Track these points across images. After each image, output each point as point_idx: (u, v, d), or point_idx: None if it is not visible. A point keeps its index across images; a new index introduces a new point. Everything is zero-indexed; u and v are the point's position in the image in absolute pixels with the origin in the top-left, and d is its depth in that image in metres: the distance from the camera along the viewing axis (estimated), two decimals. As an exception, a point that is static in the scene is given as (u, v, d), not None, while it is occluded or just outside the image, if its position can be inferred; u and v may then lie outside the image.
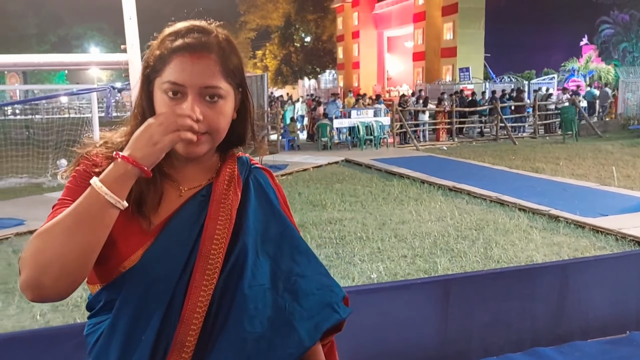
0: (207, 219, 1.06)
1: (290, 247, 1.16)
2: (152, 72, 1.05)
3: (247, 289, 1.05)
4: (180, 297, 1.02)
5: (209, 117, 1.03)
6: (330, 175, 10.76)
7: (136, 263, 1.02)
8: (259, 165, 1.24)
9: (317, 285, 1.15)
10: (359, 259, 5.45)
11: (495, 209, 7.50)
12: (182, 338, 1.00)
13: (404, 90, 28.43)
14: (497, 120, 17.04)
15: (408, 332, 2.68)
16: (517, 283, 2.94)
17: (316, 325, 1.10)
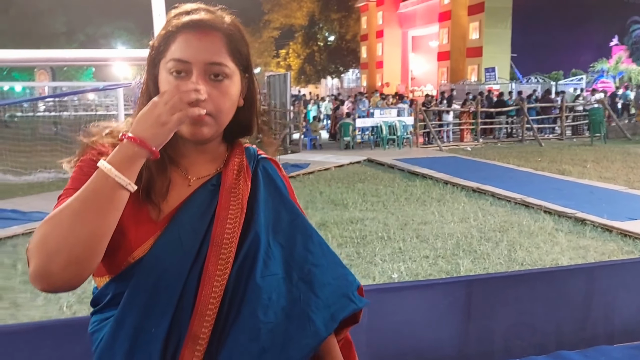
0: (218, 207, 1.05)
1: (303, 236, 1.13)
2: (157, 53, 1.03)
3: (259, 278, 1.02)
4: (192, 288, 0.99)
5: (214, 97, 1.01)
6: (352, 174, 10.75)
7: (146, 253, 1.00)
8: (266, 156, 1.22)
9: (332, 274, 1.12)
10: (380, 258, 5.43)
11: (519, 211, 7.40)
12: (196, 330, 0.97)
13: (427, 90, 28.23)
14: (523, 122, 16.80)
15: (429, 332, 2.67)
16: (542, 285, 2.89)
17: (332, 315, 1.08)
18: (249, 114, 1.13)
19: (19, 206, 7.62)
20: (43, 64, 26.32)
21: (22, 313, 4.17)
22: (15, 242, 6.01)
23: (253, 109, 1.14)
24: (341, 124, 15.63)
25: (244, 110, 1.11)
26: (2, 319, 4.08)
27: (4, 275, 4.96)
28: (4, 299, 4.44)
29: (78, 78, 37.03)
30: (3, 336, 1.98)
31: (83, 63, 6.00)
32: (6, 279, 4.87)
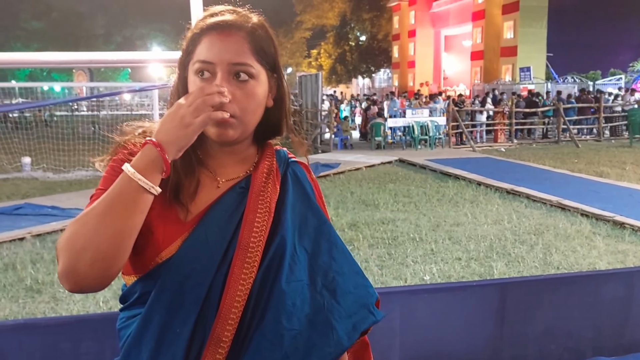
0: (246, 210, 1.04)
1: (328, 242, 1.12)
2: (186, 55, 1.05)
3: (285, 284, 1.01)
4: (217, 291, 0.99)
5: (238, 98, 1.00)
6: (383, 175, 10.71)
7: (174, 254, 1.00)
8: (296, 159, 1.21)
9: (353, 283, 1.11)
10: (411, 260, 5.40)
11: (555, 213, 7.26)
12: (219, 333, 0.97)
13: (460, 90, 27.90)
14: (559, 122, 16.46)
15: (462, 335, 2.64)
16: (579, 290, 2.83)
17: (354, 325, 1.07)
18: (278, 115, 1.13)
19: (58, 203, 7.85)
20: (82, 66, 27.01)
21: (61, 307, 4.30)
22: (55, 237, 6.19)
23: (283, 110, 1.13)
24: (372, 123, 15.58)
25: (273, 111, 1.11)
26: (43, 313, 4.22)
27: (45, 270, 5.11)
28: (44, 293, 4.58)
29: (115, 79, 37.87)
30: (49, 328, 2.05)
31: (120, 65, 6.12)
32: (46, 273, 5.02)
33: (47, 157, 11.90)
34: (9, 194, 9.01)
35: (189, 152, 0.99)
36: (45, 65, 3.54)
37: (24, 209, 7.42)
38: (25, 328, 2.06)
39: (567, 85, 23.16)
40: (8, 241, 5.97)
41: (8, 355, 2.03)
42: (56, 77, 36.94)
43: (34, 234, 6.21)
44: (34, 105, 15.40)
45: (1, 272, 5.07)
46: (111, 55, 2.09)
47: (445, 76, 34.91)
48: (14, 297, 4.52)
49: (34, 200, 8.25)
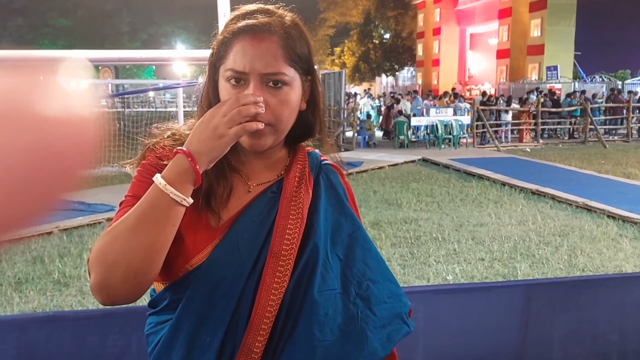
0: (277, 216, 1.01)
1: (362, 249, 1.08)
2: (217, 59, 1.00)
3: (317, 293, 0.98)
4: (248, 299, 0.97)
5: (272, 106, 0.97)
6: (406, 174, 10.66)
7: (204, 261, 0.98)
8: (329, 162, 1.16)
9: (387, 293, 1.07)
10: (434, 259, 5.37)
11: (581, 215, 7.14)
12: (250, 343, 0.95)
13: (485, 88, 27.60)
14: (587, 122, 16.18)
15: (486, 336, 2.62)
16: (605, 292, 2.79)
17: (389, 335, 1.03)
18: (312, 118, 1.09)
19: (84, 198, 7.99)
20: (109, 64, 27.44)
21: (88, 300, 4.38)
22: (81, 232, 6.31)
23: (316, 112, 1.09)
24: (396, 122, 15.51)
25: (306, 114, 1.07)
26: (70, 305, 4.30)
27: (72, 263, 5.22)
28: (71, 287, 4.68)
29: (140, 76, 38.36)
30: (77, 321, 2.10)
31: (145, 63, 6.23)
32: (73, 267, 5.12)
33: (74, 153, 12.11)
34: (37, 188, 9.19)
35: (220, 159, 0.97)
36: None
37: (52, 203, 7.57)
38: (54, 320, 2.11)
39: (595, 85, 22.74)
40: (36, 235, 6.11)
41: (37, 346, 2.08)
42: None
43: (61, 228, 6.34)
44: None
45: (30, 265, 5.19)
46: (139, 53, 2.11)
47: (470, 75, 34.56)
48: (42, 289, 4.62)
49: (61, 195, 8.40)
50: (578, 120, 17.04)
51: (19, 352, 2.08)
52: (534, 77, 26.08)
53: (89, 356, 2.13)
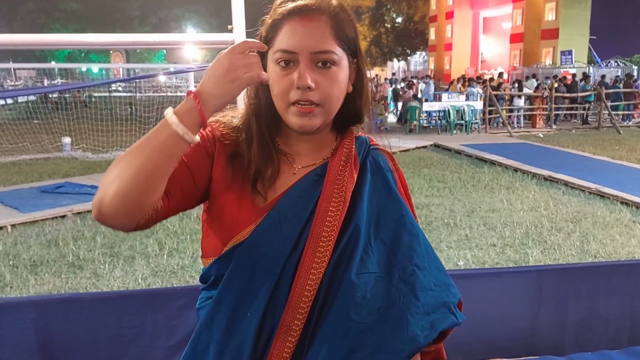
0: (320, 198, 1.02)
1: (409, 235, 1.06)
2: (265, 43, 1.01)
3: (354, 275, 0.98)
4: (288, 278, 0.98)
5: (322, 85, 0.98)
6: (417, 159, 10.62)
7: (246, 238, 1.01)
8: (379, 147, 1.16)
9: (434, 280, 1.05)
10: (445, 245, 5.37)
11: (594, 201, 7.08)
12: (289, 321, 0.97)
13: (498, 73, 27.31)
14: (601, 107, 15.97)
15: (497, 321, 2.63)
16: (618, 279, 2.78)
17: (432, 323, 1.00)
18: (359, 101, 1.09)
19: (97, 182, 8.05)
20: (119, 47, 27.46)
21: (102, 283, 4.44)
22: (95, 216, 6.37)
23: (363, 96, 1.09)
24: (408, 107, 15.42)
25: (353, 97, 1.08)
26: (84, 288, 4.36)
27: (86, 246, 5.28)
28: (86, 269, 4.74)
29: (150, 60, 38.40)
30: (93, 302, 2.13)
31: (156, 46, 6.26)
32: (87, 250, 5.18)
33: (86, 138, 12.20)
34: (50, 173, 9.29)
35: (267, 142, 1.01)
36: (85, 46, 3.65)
37: (65, 187, 7.65)
38: (70, 302, 2.15)
39: (610, 70, 22.40)
40: (50, 218, 6.18)
41: (55, 327, 2.12)
42: (94, 58, 37.66)
43: (74, 212, 6.41)
44: (74, 86, 15.75)
45: (44, 248, 5.26)
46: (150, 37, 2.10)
47: (483, 59, 34.17)
48: (57, 272, 4.69)
49: (74, 179, 8.49)
50: (592, 105, 16.83)
51: (36, 332, 2.12)
52: (548, 62, 25.74)
53: (104, 337, 2.17)
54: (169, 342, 2.15)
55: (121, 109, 18.25)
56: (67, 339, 2.15)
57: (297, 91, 0.98)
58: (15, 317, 2.10)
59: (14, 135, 12.40)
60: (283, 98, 1.00)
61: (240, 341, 0.98)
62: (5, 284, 4.44)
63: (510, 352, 2.55)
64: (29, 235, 5.66)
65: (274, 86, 1.01)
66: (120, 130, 12.12)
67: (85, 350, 2.16)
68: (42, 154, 11.29)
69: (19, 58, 31.27)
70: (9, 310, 2.12)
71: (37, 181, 8.42)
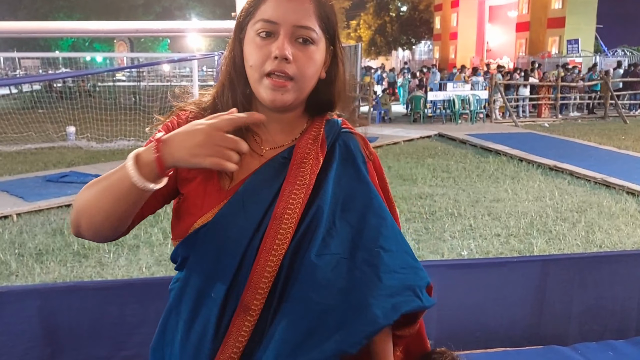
0: (284, 182, 1.03)
1: (377, 217, 1.06)
2: (246, 15, 1.03)
3: (315, 256, 0.99)
4: (250, 259, 0.99)
5: (299, 59, 0.99)
6: (422, 149, 10.58)
7: (209, 220, 1.01)
8: (351, 130, 1.15)
9: (401, 263, 1.05)
10: (449, 235, 5.36)
11: (600, 191, 7.05)
12: (248, 301, 0.98)
13: (504, 62, 27.12)
14: (607, 97, 15.86)
15: (501, 311, 2.63)
16: (623, 269, 2.76)
17: (394, 305, 0.99)
18: (331, 89, 1.10)
19: (101, 171, 7.98)
20: (122, 35, 27.43)
21: (106, 271, 4.46)
22: (100, 205, 6.39)
23: (335, 84, 1.10)
24: (412, 96, 15.35)
25: (325, 84, 1.08)
26: (89, 276, 4.38)
27: (90, 235, 5.30)
28: (91, 258, 4.76)
29: (154, 49, 38.31)
30: (97, 291, 2.13)
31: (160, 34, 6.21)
32: (92, 239, 5.20)
33: (90, 127, 12.21)
34: (55, 162, 9.31)
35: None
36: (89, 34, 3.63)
37: (70, 176, 7.67)
38: (75, 290, 2.16)
39: (617, 59, 22.20)
40: (55, 207, 6.20)
41: (59, 314, 2.13)
42: (98, 47, 37.57)
43: (79, 201, 6.42)
44: (77, 74, 15.74)
45: (50, 236, 5.28)
46: (154, 24, 2.10)
47: (489, 48, 33.93)
48: (62, 261, 4.71)
49: (79, 168, 8.51)
50: (597, 94, 16.71)
51: (41, 320, 2.13)
52: (554, 51, 25.53)
53: (108, 325, 2.18)
54: (172, 331, 2.16)
55: (125, 99, 18.23)
56: (71, 326, 2.16)
57: (274, 62, 0.98)
58: (20, 305, 2.11)
59: (19, 125, 12.42)
60: (258, 69, 1.00)
61: (205, 320, 1.00)
62: (11, 272, 4.47)
63: (513, 342, 2.55)
64: (34, 224, 5.68)
65: (250, 56, 1.01)
66: (124, 120, 12.12)
67: (90, 338, 2.17)
68: (47, 143, 11.31)
69: (24, 47, 31.22)
70: (14, 298, 2.13)
71: (42, 170, 8.43)
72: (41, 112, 14.24)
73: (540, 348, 2.55)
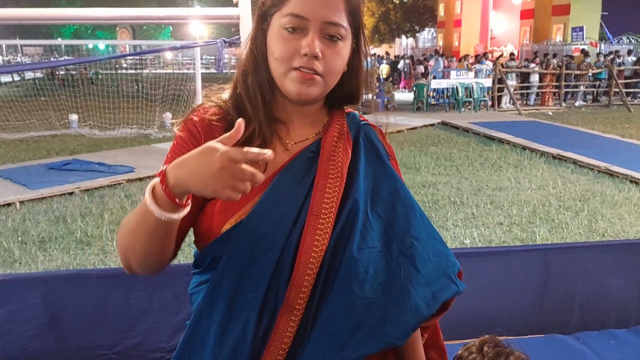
0: (317, 176, 1.01)
1: (405, 207, 1.06)
2: (271, 7, 0.99)
3: (356, 251, 0.97)
4: (288, 257, 0.97)
5: (327, 56, 0.97)
6: (425, 137, 10.56)
7: (243, 218, 0.98)
8: (369, 122, 1.16)
9: (433, 250, 1.05)
10: (452, 223, 5.36)
11: (603, 180, 7.03)
12: (292, 301, 0.96)
13: (508, 50, 26.94)
14: (611, 85, 15.77)
15: (504, 300, 2.63)
16: (626, 258, 2.76)
17: (434, 294, 1.01)
18: (354, 82, 1.09)
19: (104, 159, 8.08)
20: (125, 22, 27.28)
21: (110, 259, 4.47)
22: (102, 192, 6.40)
23: (358, 77, 1.08)
24: (416, 84, 15.28)
25: (348, 77, 1.07)
26: (92, 264, 4.40)
27: (93, 223, 5.31)
28: (94, 246, 4.77)
29: (157, 37, 38.20)
30: (100, 279, 2.14)
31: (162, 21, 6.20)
32: (95, 227, 5.21)
33: (93, 115, 12.20)
34: (58, 149, 9.32)
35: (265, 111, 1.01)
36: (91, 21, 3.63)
37: (73, 164, 7.68)
38: (78, 278, 2.16)
39: (622, 46, 22.03)
40: (58, 195, 6.21)
41: (63, 302, 2.14)
42: (100, 35, 37.48)
43: (82, 189, 6.43)
44: (80, 61, 15.68)
45: (53, 224, 5.30)
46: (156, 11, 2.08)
47: (493, 36, 33.69)
48: (65, 248, 4.72)
49: (82, 156, 8.51)
50: (602, 82, 16.61)
51: (45, 308, 2.14)
52: (559, 39, 25.34)
53: (112, 312, 2.19)
54: (176, 318, 2.17)
55: (128, 86, 18.20)
56: (75, 314, 2.17)
57: (302, 58, 0.96)
58: (24, 293, 2.12)
59: (22, 112, 12.42)
60: (285, 62, 0.98)
61: (243, 323, 0.97)
62: (15, 260, 4.49)
63: (516, 330, 2.55)
64: (37, 211, 5.70)
65: (276, 49, 0.98)
66: (126, 108, 12.09)
67: (94, 326, 2.18)
68: (50, 131, 11.31)
69: (26, 35, 31.12)
70: (18, 286, 2.14)
71: (45, 158, 8.45)
72: (44, 100, 14.23)
73: (542, 337, 2.56)
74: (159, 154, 8.23)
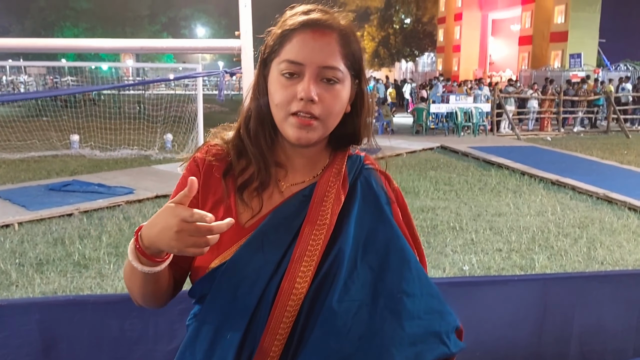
0: (304, 221, 1.00)
1: (399, 260, 1.02)
2: (271, 52, 1.01)
3: (336, 303, 0.94)
4: (268, 301, 0.96)
5: (325, 99, 0.98)
6: (424, 161, 10.59)
7: (227, 260, 0.99)
8: (373, 167, 1.13)
9: (425, 308, 1.00)
10: (451, 249, 5.35)
11: (601, 206, 7.04)
12: (267, 346, 0.95)
13: (506, 75, 27.18)
14: (609, 111, 15.88)
15: (501, 330, 2.61)
16: (625, 288, 2.75)
17: (417, 354, 0.96)
18: (356, 122, 1.08)
19: (104, 180, 8.09)
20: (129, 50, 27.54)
21: (106, 283, 4.45)
22: (101, 214, 6.40)
23: (360, 117, 1.08)
24: (415, 108, 15.39)
25: (351, 118, 1.07)
26: (89, 287, 4.38)
27: (91, 246, 5.30)
28: (91, 269, 4.76)
29: (159, 59, 38.54)
30: (97, 305, 2.13)
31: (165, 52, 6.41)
32: (93, 249, 5.20)
33: (94, 135, 12.25)
34: (58, 170, 9.34)
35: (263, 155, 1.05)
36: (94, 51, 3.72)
37: (73, 185, 7.69)
38: (75, 304, 2.16)
39: (620, 73, 22.23)
40: (57, 216, 6.21)
41: (60, 328, 2.13)
42: (104, 56, 37.81)
43: (81, 210, 6.43)
44: (83, 90, 15.83)
45: (51, 246, 5.29)
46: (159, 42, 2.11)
47: (492, 61, 34.05)
48: (63, 271, 4.71)
49: (82, 177, 8.53)
50: (600, 109, 16.73)
51: (40, 334, 2.13)
52: (557, 65, 25.59)
53: (108, 339, 2.17)
54: (170, 346, 2.15)
55: (129, 107, 18.31)
56: (71, 340, 2.15)
57: (299, 103, 0.97)
58: (19, 319, 2.11)
59: (23, 132, 12.47)
60: (283, 108, 0.99)
61: None
62: (11, 282, 4.47)
63: (514, 361, 2.53)
64: (36, 233, 5.69)
65: (275, 95, 1.00)
66: (128, 129, 12.17)
67: (89, 352, 2.17)
68: (51, 151, 11.35)
69: (30, 55, 31.41)
70: (13, 311, 2.13)
71: (45, 178, 8.46)
72: (45, 120, 14.30)
73: (541, 368, 2.53)
74: (158, 175, 8.25)
